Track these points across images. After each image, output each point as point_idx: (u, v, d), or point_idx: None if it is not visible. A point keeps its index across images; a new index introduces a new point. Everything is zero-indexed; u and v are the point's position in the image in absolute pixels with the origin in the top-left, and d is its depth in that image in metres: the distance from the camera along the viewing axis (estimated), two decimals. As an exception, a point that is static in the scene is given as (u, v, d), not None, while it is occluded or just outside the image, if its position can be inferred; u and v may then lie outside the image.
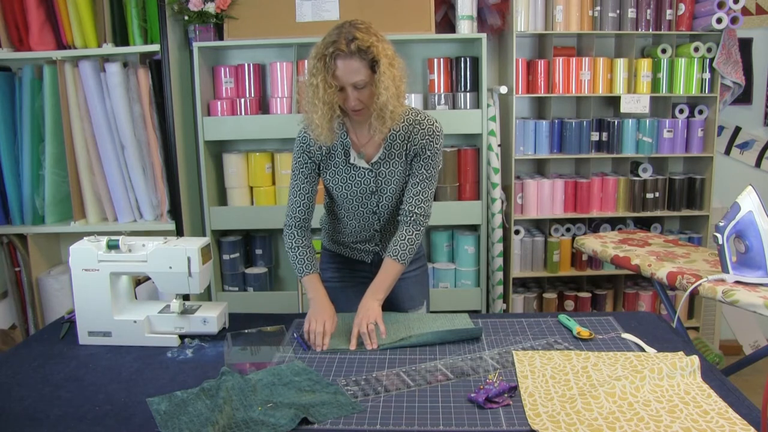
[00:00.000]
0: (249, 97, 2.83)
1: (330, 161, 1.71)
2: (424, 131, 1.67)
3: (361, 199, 1.74)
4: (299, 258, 1.73)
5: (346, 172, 1.70)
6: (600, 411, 1.20)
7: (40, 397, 1.33)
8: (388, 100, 1.54)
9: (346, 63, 1.52)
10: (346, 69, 1.52)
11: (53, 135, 2.74)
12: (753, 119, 3.19)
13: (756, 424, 1.14)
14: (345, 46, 1.51)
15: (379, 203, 1.74)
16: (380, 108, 1.56)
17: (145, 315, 1.61)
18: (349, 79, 1.53)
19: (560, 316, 1.70)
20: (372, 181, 1.70)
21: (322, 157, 1.71)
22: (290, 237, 1.75)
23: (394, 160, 1.69)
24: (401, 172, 1.71)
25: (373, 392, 1.32)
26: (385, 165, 1.69)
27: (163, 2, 2.61)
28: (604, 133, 2.96)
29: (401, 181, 1.72)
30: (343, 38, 1.51)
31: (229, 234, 2.95)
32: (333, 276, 1.92)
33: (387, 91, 1.53)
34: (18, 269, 2.90)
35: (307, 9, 2.75)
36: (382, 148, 1.68)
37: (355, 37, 1.51)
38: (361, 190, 1.72)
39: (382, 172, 1.70)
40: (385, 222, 1.80)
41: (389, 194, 1.73)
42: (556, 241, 2.99)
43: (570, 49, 2.99)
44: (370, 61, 1.52)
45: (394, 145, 1.68)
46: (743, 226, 1.80)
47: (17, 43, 2.73)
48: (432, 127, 1.68)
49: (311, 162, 1.71)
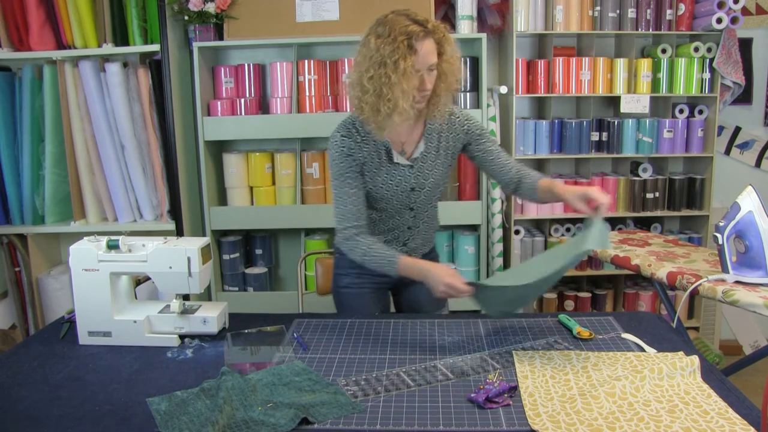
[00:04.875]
0: (249, 97, 2.83)
1: (372, 162, 1.67)
2: (460, 119, 1.71)
3: (400, 197, 1.72)
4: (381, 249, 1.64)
5: (387, 172, 1.68)
6: (600, 411, 1.20)
7: (40, 397, 1.33)
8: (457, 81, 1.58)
9: (426, 43, 1.50)
10: (426, 49, 1.51)
11: (53, 135, 2.74)
12: (753, 119, 3.19)
13: (756, 424, 1.14)
14: (421, 26, 1.49)
15: (417, 199, 1.74)
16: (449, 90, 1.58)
17: (145, 315, 1.61)
18: (428, 61, 1.52)
19: (560, 316, 1.70)
20: (412, 177, 1.70)
21: (365, 159, 1.67)
22: (358, 244, 1.65)
23: (432, 154, 1.70)
24: (441, 165, 1.72)
25: (373, 392, 1.32)
26: (424, 160, 1.70)
27: (163, 2, 2.61)
28: (604, 133, 2.96)
29: (440, 174, 1.73)
30: (412, 21, 1.50)
31: (229, 234, 2.95)
32: (352, 282, 1.86)
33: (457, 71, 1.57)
34: (18, 269, 2.90)
35: (307, 9, 2.75)
36: (423, 144, 1.68)
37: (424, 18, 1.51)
38: (401, 189, 1.71)
39: (422, 167, 1.70)
40: (419, 218, 1.79)
41: (428, 189, 1.73)
42: (556, 241, 2.99)
43: (570, 49, 2.99)
44: (439, 41, 1.52)
45: (431, 139, 1.69)
46: (743, 226, 1.80)
47: (17, 43, 2.73)
48: (464, 113, 1.73)
49: (356, 164, 1.66)
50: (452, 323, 1.69)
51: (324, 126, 2.72)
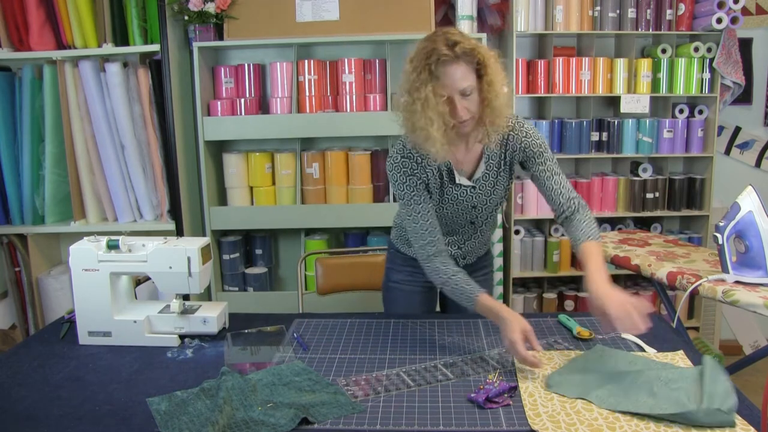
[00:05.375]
0: (249, 97, 2.83)
1: (434, 183, 1.63)
2: (518, 135, 1.60)
3: (461, 214, 1.69)
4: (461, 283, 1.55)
5: (449, 193, 1.64)
6: (600, 411, 1.20)
7: (40, 397, 1.33)
8: (502, 104, 1.47)
9: (452, 68, 1.42)
10: (453, 75, 1.43)
11: (53, 135, 2.74)
12: (753, 119, 3.19)
13: (756, 424, 1.14)
14: (448, 50, 1.42)
15: (479, 215, 1.71)
16: (494, 113, 1.48)
17: (145, 315, 1.61)
18: (457, 86, 1.43)
19: (560, 316, 1.70)
20: (474, 197, 1.66)
21: (428, 179, 1.62)
22: (438, 271, 1.58)
23: (492, 172, 1.64)
24: (501, 181, 1.66)
25: (373, 392, 1.32)
26: (486, 179, 1.65)
27: (163, 2, 2.61)
28: (604, 133, 2.96)
29: (501, 189, 1.68)
30: (442, 44, 1.42)
31: (229, 234, 2.95)
32: (403, 279, 1.85)
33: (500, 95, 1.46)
34: (18, 269, 2.90)
35: (307, 9, 2.75)
36: (483, 164, 1.62)
37: (456, 42, 1.43)
38: (462, 208, 1.68)
39: (484, 186, 1.65)
40: (478, 229, 1.76)
41: (489, 205, 1.70)
42: (556, 241, 2.99)
43: (570, 49, 2.99)
44: (476, 64, 1.45)
45: (492, 157, 1.63)
46: (743, 226, 1.80)
47: (17, 43, 2.73)
48: (525, 129, 1.61)
49: (421, 182, 1.60)
50: (452, 323, 1.69)
51: (324, 126, 2.72)
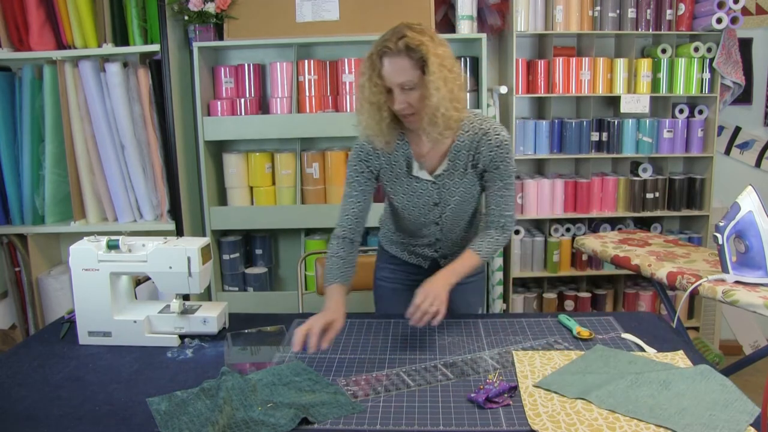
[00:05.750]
0: (249, 97, 2.83)
1: (391, 173, 1.66)
2: (491, 143, 1.59)
3: (423, 211, 1.69)
4: (329, 267, 1.64)
5: (408, 184, 1.66)
6: (600, 411, 1.20)
7: (40, 397, 1.33)
8: (439, 102, 1.47)
9: (392, 61, 1.46)
10: (392, 67, 1.46)
11: (53, 135, 2.74)
12: (753, 119, 3.19)
13: (756, 424, 1.14)
14: (393, 44, 1.45)
15: (442, 214, 1.70)
16: (432, 111, 1.48)
17: (145, 315, 1.61)
18: (395, 79, 1.47)
19: (560, 316, 1.70)
20: (435, 193, 1.65)
21: (381, 168, 1.66)
22: (332, 246, 1.67)
23: (459, 172, 1.63)
24: (467, 184, 1.65)
25: (373, 392, 1.32)
26: (449, 177, 1.64)
27: (163, 2, 2.61)
28: (604, 133, 2.96)
29: (467, 192, 1.66)
30: (392, 36, 1.46)
31: (229, 234, 2.95)
32: (388, 276, 1.90)
33: (438, 92, 1.46)
34: (18, 269, 2.90)
35: (307, 9, 2.75)
36: (446, 160, 1.62)
37: (404, 35, 1.45)
38: (423, 202, 1.67)
39: (446, 184, 1.64)
40: (448, 230, 1.75)
41: (453, 206, 1.68)
42: (556, 241, 2.99)
43: (570, 49, 2.99)
44: (419, 60, 1.45)
45: (459, 157, 1.62)
46: (743, 226, 1.80)
47: (17, 43, 2.73)
48: (499, 138, 1.59)
49: (368, 171, 1.65)
50: (452, 323, 1.69)
51: (324, 126, 2.72)
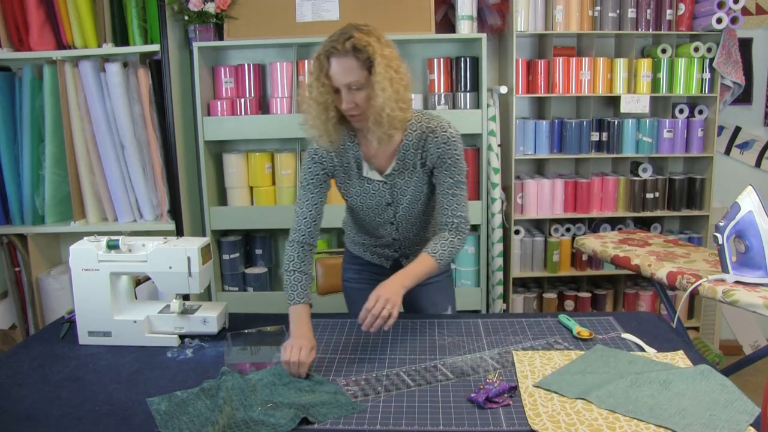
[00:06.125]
0: (249, 97, 2.83)
1: (344, 174, 1.67)
2: (438, 140, 1.60)
3: (377, 211, 1.70)
4: (292, 284, 1.59)
5: (360, 185, 1.67)
6: (600, 411, 1.20)
7: (40, 397, 1.33)
8: (384, 103, 1.48)
9: (339, 61, 1.47)
10: (339, 68, 1.47)
11: (53, 135, 2.74)
12: (753, 119, 3.19)
13: (756, 424, 1.14)
14: (340, 44, 1.46)
15: (396, 214, 1.71)
16: (377, 111, 1.49)
17: (145, 315, 1.61)
18: (342, 79, 1.48)
19: (560, 316, 1.70)
20: (387, 193, 1.66)
21: (335, 170, 1.67)
22: (290, 258, 1.63)
23: (409, 171, 1.64)
24: (417, 182, 1.66)
25: (373, 392, 1.32)
26: (400, 176, 1.65)
27: (163, 2, 2.61)
28: (604, 133, 2.96)
29: (418, 191, 1.67)
30: (340, 36, 1.48)
31: (229, 234, 2.95)
32: (353, 277, 1.92)
33: (383, 93, 1.47)
34: (18, 269, 2.90)
35: (307, 9, 2.75)
36: (395, 160, 1.63)
37: (351, 36, 1.46)
38: (376, 203, 1.68)
39: (397, 183, 1.66)
40: (404, 230, 1.76)
41: (405, 205, 1.69)
42: (556, 241, 2.99)
43: (570, 49, 2.99)
44: (365, 61, 1.46)
45: (408, 156, 1.63)
46: (743, 226, 1.80)
47: (17, 43, 2.73)
48: (445, 133, 1.60)
49: (323, 173, 1.65)
50: (452, 323, 1.69)
51: (324, 126, 2.72)
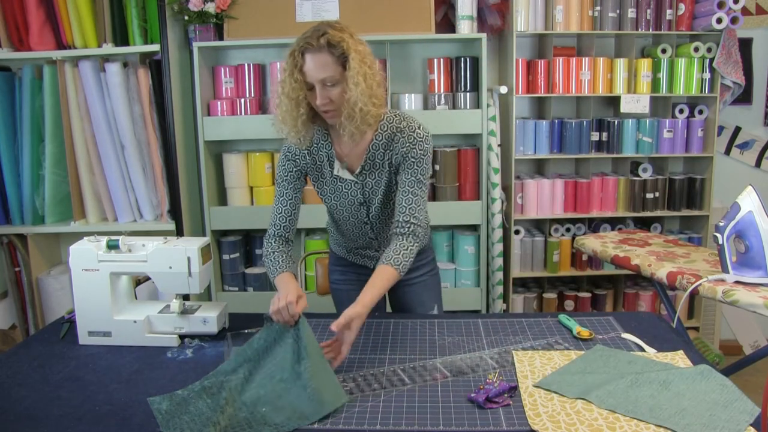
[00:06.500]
0: (249, 97, 2.83)
1: (317, 172, 1.69)
2: (405, 138, 1.60)
3: (351, 210, 1.72)
4: (272, 261, 1.62)
5: (332, 184, 1.69)
6: (600, 411, 1.20)
7: (40, 397, 1.33)
8: (357, 98, 1.48)
9: (314, 57, 1.48)
10: (314, 64, 1.48)
11: (53, 135, 2.74)
12: (753, 119, 3.19)
13: (756, 424, 1.14)
14: (315, 40, 1.47)
15: (369, 213, 1.72)
16: (350, 106, 1.50)
17: (145, 315, 1.61)
18: (316, 75, 1.48)
19: (560, 316, 1.70)
20: (359, 192, 1.68)
21: (308, 168, 1.69)
22: (268, 245, 1.67)
23: (379, 170, 1.66)
24: (387, 182, 1.66)
25: (372, 392, 1.31)
26: (371, 176, 1.66)
27: (163, 2, 2.61)
28: (604, 133, 2.96)
29: (389, 190, 1.68)
30: (314, 33, 1.48)
31: (229, 234, 2.95)
32: (339, 279, 1.93)
33: (357, 87, 1.48)
34: (18, 269, 2.90)
35: (307, 9, 2.75)
36: (364, 158, 1.64)
37: (325, 32, 1.48)
38: (349, 201, 1.70)
39: (368, 182, 1.67)
40: (379, 230, 1.77)
41: (377, 204, 1.70)
42: (556, 241, 2.99)
43: (570, 49, 2.99)
44: (340, 56, 1.48)
45: (377, 155, 1.64)
46: (743, 226, 1.80)
47: (17, 43, 2.73)
48: (413, 134, 1.60)
49: (297, 170, 1.69)
50: (452, 323, 1.69)
51: (324, 126, 2.72)
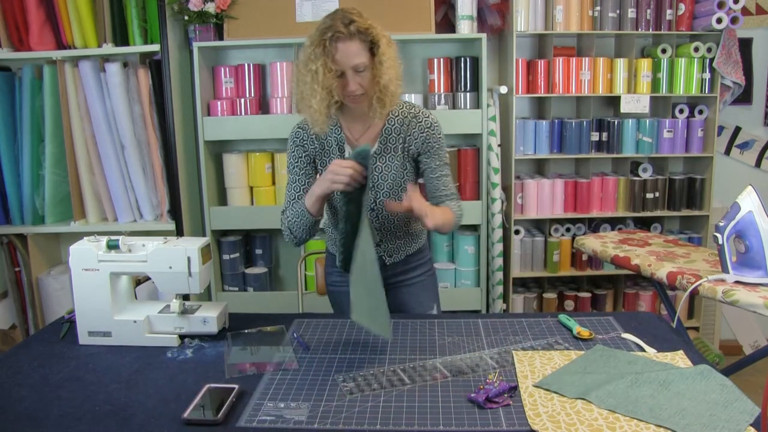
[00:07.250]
0: (249, 97, 2.83)
1: (325, 157, 1.71)
2: (422, 125, 1.68)
3: None
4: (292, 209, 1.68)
5: None
6: (600, 411, 1.20)
7: (40, 397, 1.33)
8: (390, 81, 1.55)
9: (346, 45, 1.51)
10: (346, 51, 1.52)
11: (53, 135, 2.74)
12: (753, 119, 3.19)
13: (756, 424, 1.14)
14: (344, 28, 1.50)
15: (375, 199, 1.73)
16: (381, 90, 1.56)
17: (145, 315, 1.61)
18: (349, 62, 1.53)
19: (560, 316, 1.70)
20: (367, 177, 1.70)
21: (316, 152, 1.71)
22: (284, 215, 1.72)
23: (390, 155, 1.69)
24: (398, 167, 1.70)
25: (372, 391, 1.31)
26: (381, 159, 1.69)
27: (163, 2, 2.61)
28: (604, 133, 2.96)
29: (398, 176, 1.71)
30: (339, 22, 1.51)
31: (229, 234, 2.95)
32: (337, 280, 1.92)
33: (389, 71, 1.54)
34: (18, 269, 2.90)
35: (307, 9, 2.75)
36: (377, 142, 1.67)
37: (352, 20, 1.51)
38: None
39: (378, 167, 1.70)
40: (384, 219, 1.78)
41: (386, 189, 1.71)
42: (556, 241, 2.99)
43: (570, 49, 2.99)
44: (369, 42, 1.53)
45: (390, 140, 1.68)
46: (743, 226, 1.80)
47: (17, 43, 2.73)
48: (429, 120, 1.69)
49: (306, 155, 1.72)
50: (452, 323, 1.69)
51: (324, 126, 2.72)
